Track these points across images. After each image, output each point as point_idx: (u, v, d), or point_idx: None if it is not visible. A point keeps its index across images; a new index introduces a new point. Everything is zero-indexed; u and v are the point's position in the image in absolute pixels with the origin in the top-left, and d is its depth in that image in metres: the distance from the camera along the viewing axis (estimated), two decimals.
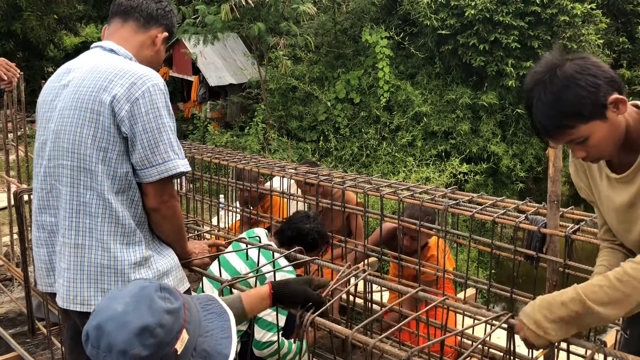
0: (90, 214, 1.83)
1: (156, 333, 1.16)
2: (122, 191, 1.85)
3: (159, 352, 1.17)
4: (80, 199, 1.83)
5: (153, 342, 1.16)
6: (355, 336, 1.59)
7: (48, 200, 1.91)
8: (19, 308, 3.88)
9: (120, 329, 1.15)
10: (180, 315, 1.22)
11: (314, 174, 3.37)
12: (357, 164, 9.20)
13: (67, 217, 1.84)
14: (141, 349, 1.14)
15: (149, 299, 1.20)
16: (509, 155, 9.01)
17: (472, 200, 2.76)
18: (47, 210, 1.91)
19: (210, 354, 1.26)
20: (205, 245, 2.26)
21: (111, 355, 1.14)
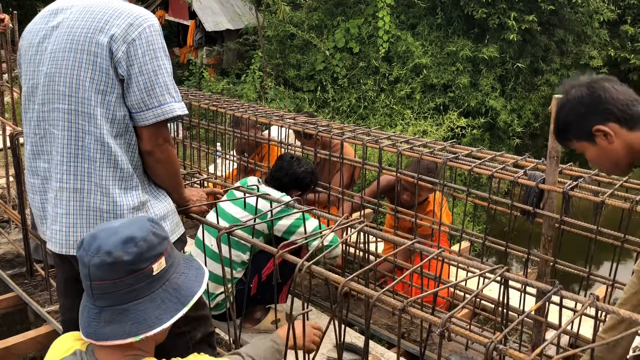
0: (89, 158, 1.80)
1: (139, 245, 1.34)
2: (120, 135, 1.83)
3: (137, 263, 1.33)
4: (79, 142, 1.80)
5: (135, 252, 1.33)
6: (350, 284, 1.61)
7: (41, 145, 1.87)
8: (16, 250, 3.90)
9: (110, 236, 1.34)
10: (163, 243, 1.40)
11: (312, 124, 3.35)
12: (355, 116, 9.13)
13: (65, 162, 1.81)
14: (123, 254, 1.31)
15: (141, 221, 1.40)
16: (507, 110, 8.97)
17: (471, 154, 2.75)
18: (40, 155, 1.88)
19: (180, 288, 1.42)
20: (203, 193, 2.26)
21: (98, 255, 1.31)
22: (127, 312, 1.34)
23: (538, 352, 1.27)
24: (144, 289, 1.35)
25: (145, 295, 1.35)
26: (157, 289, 1.38)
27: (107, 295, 1.33)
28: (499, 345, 1.30)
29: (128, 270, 1.32)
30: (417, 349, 2.90)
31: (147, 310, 1.35)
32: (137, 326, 1.33)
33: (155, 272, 1.37)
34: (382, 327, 3.13)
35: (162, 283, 1.39)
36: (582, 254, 6.61)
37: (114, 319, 1.33)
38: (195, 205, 2.18)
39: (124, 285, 1.33)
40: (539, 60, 9.27)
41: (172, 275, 1.42)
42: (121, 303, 1.34)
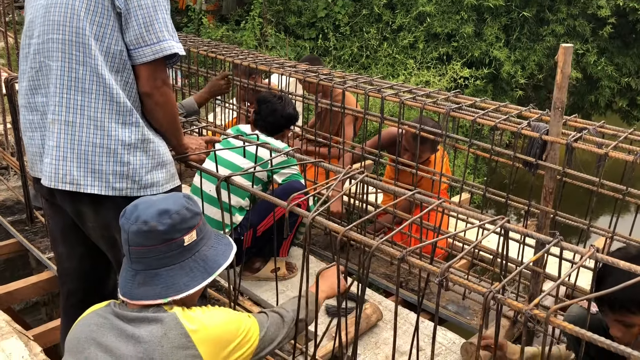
0: (83, 90, 1.77)
1: (173, 217, 1.47)
2: (117, 71, 1.80)
3: (170, 233, 1.46)
4: (72, 74, 1.76)
5: (168, 223, 1.46)
6: (349, 233, 1.61)
7: (38, 79, 1.83)
8: (16, 197, 3.91)
9: (149, 207, 1.47)
10: (195, 218, 1.52)
11: (313, 72, 3.29)
12: (357, 65, 8.98)
13: (58, 94, 1.78)
14: (158, 224, 1.45)
15: (176, 197, 1.53)
16: (511, 61, 8.81)
17: (474, 105, 2.71)
18: (38, 90, 1.84)
19: (208, 259, 1.54)
20: (202, 141, 2.24)
21: (136, 224, 1.45)
22: (159, 276, 1.46)
23: (537, 302, 1.27)
24: (175, 257, 1.48)
25: (175, 263, 1.48)
26: (187, 259, 1.50)
27: (143, 259, 1.46)
28: (497, 295, 1.31)
29: (162, 239, 1.45)
30: (415, 298, 2.94)
31: (176, 276, 1.48)
32: (166, 290, 1.46)
33: (187, 243, 1.49)
34: (380, 276, 3.16)
35: (192, 253, 1.51)
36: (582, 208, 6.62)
37: (146, 282, 1.46)
38: (194, 153, 2.16)
39: (157, 252, 1.46)
40: (545, 10, 9.04)
41: (202, 248, 1.54)
42: (154, 268, 1.47)
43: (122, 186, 1.83)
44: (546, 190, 2.33)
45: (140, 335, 1.41)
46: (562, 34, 8.93)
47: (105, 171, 1.80)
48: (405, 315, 2.78)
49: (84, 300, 2.11)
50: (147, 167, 1.88)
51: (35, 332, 2.75)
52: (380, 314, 2.67)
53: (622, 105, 8.93)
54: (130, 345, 1.40)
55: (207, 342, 1.45)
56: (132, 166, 1.84)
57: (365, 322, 2.60)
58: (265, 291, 2.96)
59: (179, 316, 1.45)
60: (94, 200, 1.85)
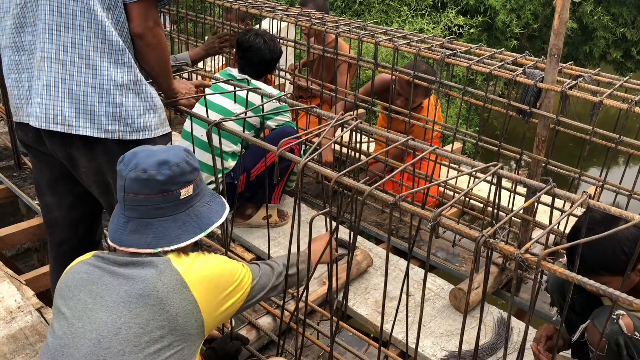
0: (73, 27, 1.71)
1: (172, 169, 1.45)
2: (108, 8, 1.73)
3: (167, 184, 1.45)
4: (62, 9, 1.70)
5: (167, 174, 1.45)
6: (341, 179, 1.60)
7: (24, 16, 1.75)
8: (3, 142, 3.85)
9: (149, 157, 1.46)
10: (194, 173, 1.52)
11: (306, 16, 3.21)
12: (350, 12, 8.80)
13: (47, 30, 1.71)
14: (157, 174, 1.44)
15: (177, 149, 1.52)
16: (507, 10, 8.66)
17: (469, 52, 2.66)
18: (25, 28, 1.76)
19: (201, 215, 1.54)
20: (192, 85, 2.20)
21: (134, 171, 1.44)
22: (151, 225, 1.46)
23: (527, 246, 1.28)
24: (170, 209, 1.47)
25: (169, 215, 1.47)
26: (181, 212, 1.49)
27: (137, 207, 1.46)
28: (489, 239, 1.31)
29: (159, 189, 1.44)
30: (405, 245, 2.97)
31: (169, 228, 1.47)
32: (157, 240, 1.45)
33: (182, 197, 1.49)
34: (371, 224, 3.18)
35: (186, 207, 1.50)
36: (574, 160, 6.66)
37: (138, 230, 1.46)
38: (184, 98, 2.12)
39: (153, 202, 1.45)
40: None
41: (196, 203, 1.53)
42: (147, 217, 1.46)
43: (114, 128, 1.80)
44: (539, 139, 2.32)
45: (136, 275, 1.41)
46: None
47: (97, 112, 1.76)
48: (395, 262, 2.81)
49: (75, 247, 2.11)
50: (139, 109, 1.84)
51: (27, 277, 2.76)
52: (370, 261, 2.70)
53: (617, 57, 8.86)
54: (127, 285, 1.39)
55: (201, 286, 1.46)
56: (125, 108, 1.80)
57: (356, 268, 2.63)
58: (256, 238, 2.98)
59: (173, 261, 1.45)
60: (86, 142, 1.81)
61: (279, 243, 2.92)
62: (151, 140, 1.88)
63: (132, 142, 1.83)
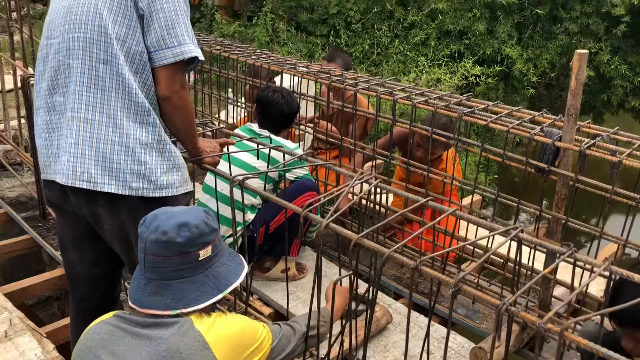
0: (103, 89, 1.78)
1: (192, 230, 1.48)
2: (136, 72, 1.81)
3: (186, 246, 1.47)
4: (93, 72, 1.78)
5: (186, 236, 1.47)
6: (362, 241, 1.62)
7: (57, 78, 1.84)
8: (29, 192, 3.94)
9: (169, 219, 1.49)
10: (212, 234, 1.54)
11: (326, 73, 3.29)
12: (368, 62, 8.96)
13: (77, 91, 1.79)
14: (177, 236, 1.47)
15: (196, 211, 1.55)
16: (523, 59, 8.76)
17: (487, 109, 2.70)
18: (57, 89, 1.85)
19: (220, 276, 1.56)
20: (217, 144, 2.26)
21: (155, 233, 1.47)
22: (170, 287, 1.48)
23: (550, 315, 1.28)
24: (189, 270, 1.49)
25: (188, 277, 1.49)
26: (200, 273, 1.51)
27: (156, 269, 1.49)
28: (510, 307, 1.31)
29: (178, 251, 1.47)
30: (425, 301, 2.94)
31: (187, 290, 1.49)
32: (176, 302, 1.47)
33: (201, 258, 1.51)
34: (390, 279, 3.17)
35: (205, 268, 1.52)
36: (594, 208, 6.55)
37: (157, 291, 1.48)
38: (208, 156, 2.17)
39: (172, 264, 1.48)
40: (559, 8, 8.97)
41: (215, 264, 1.55)
42: (166, 279, 1.49)
43: (138, 186, 1.84)
44: (558, 197, 2.33)
45: (159, 336, 1.42)
46: (576, 32, 8.85)
47: (123, 170, 1.81)
48: (414, 318, 2.78)
49: (97, 304, 2.13)
50: (162, 167, 1.89)
51: (47, 329, 2.78)
52: (389, 317, 2.68)
53: (635, 105, 8.85)
54: (150, 347, 1.41)
55: (222, 346, 1.47)
56: (149, 166, 1.85)
57: (375, 325, 2.61)
58: (275, 291, 2.98)
59: (195, 322, 1.47)
60: (110, 199, 1.85)
61: (298, 297, 2.92)
62: (173, 198, 1.92)
63: (154, 200, 1.87)
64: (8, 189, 4.03)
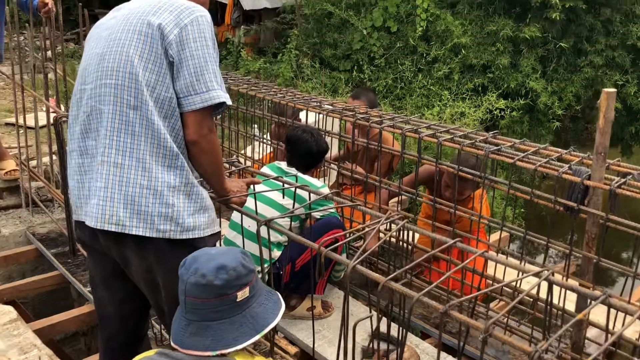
0: (132, 134, 1.82)
1: (230, 273, 1.52)
2: (165, 117, 1.85)
3: (224, 288, 1.51)
4: (123, 117, 1.82)
5: (224, 278, 1.51)
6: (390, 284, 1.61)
7: (89, 123, 1.89)
8: (59, 229, 4.01)
9: (208, 261, 1.53)
10: (250, 275, 1.58)
11: (351, 111, 3.32)
12: (391, 96, 9.03)
13: (108, 136, 1.83)
14: (215, 279, 1.50)
15: (234, 252, 1.59)
16: (548, 92, 8.72)
17: (513, 146, 2.69)
18: (89, 134, 1.90)
19: (258, 317, 1.59)
20: (244, 184, 2.28)
21: (194, 276, 1.51)
22: (210, 329, 1.52)
23: None
24: (227, 311, 1.54)
25: (226, 318, 1.54)
26: (238, 314, 1.55)
27: (196, 311, 1.53)
28: (543, 355, 1.29)
29: (216, 293, 1.51)
30: (454, 341, 2.89)
31: (226, 330, 1.53)
32: (215, 343, 1.51)
33: (239, 299, 1.55)
34: (417, 318, 3.13)
35: (243, 309, 1.56)
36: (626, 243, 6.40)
37: (198, 333, 1.52)
38: (235, 196, 2.20)
39: (211, 306, 1.52)
40: (583, 41, 8.96)
41: (253, 304, 1.59)
42: (206, 320, 1.53)
43: (166, 228, 1.87)
44: (589, 236, 2.29)
45: None
46: (601, 65, 8.81)
47: (150, 213, 1.84)
48: (443, 359, 2.73)
49: (124, 343, 2.15)
50: (189, 210, 1.91)
51: None
52: (417, 358, 2.64)
53: None
54: None
55: None
56: (176, 208, 1.87)
57: None
58: (301, 330, 2.96)
59: None
60: (138, 242, 1.88)
61: (324, 336, 2.89)
62: (200, 240, 1.94)
63: (181, 242, 1.90)
64: (39, 225, 4.11)
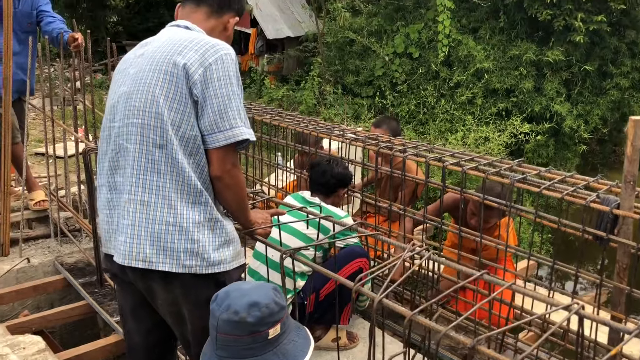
0: (158, 172, 1.86)
1: (262, 310, 1.53)
2: (190, 154, 1.88)
3: (257, 325, 1.52)
4: (149, 156, 1.86)
5: (257, 315, 1.51)
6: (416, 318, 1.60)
7: (117, 160, 1.94)
8: (87, 258, 4.06)
9: (240, 297, 1.54)
10: (281, 312, 1.58)
11: (374, 139, 3.33)
12: (414, 122, 9.03)
13: (134, 175, 1.87)
14: (247, 316, 1.51)
15: (266, 288, 1.60)
16: (573, 116, 8.63)
17: (539, 175, 2.66)
18: (117, 170, 1.95)
19: (287, 354, 1.58)
20: (268, 215, 2.29)
21: (227, 313, 1.52)
22: None
23: None
24: (259, 349, 1.54)
25: (258, 355, 1.53)
26: (269, 351, 1.55)
27: (228, 347, 1.54)
28: None
29: (249, 330, 1.52)
30: None
31: None
32: None
33: (271, 336, 1.55)
34: (444, 349, 3.07)
35: (274, 346, 1.56)
36: None
37: None
38: (260, 228, 2.21)
39: (243, 343, 1.52)
40: (608, 63, 8.88)
41: (283, 341, 1.59)
42: (237, 357, 1.53)
43: (191, 263, 1.89)
44: (620, 266, 2.25)
45: None
46: (627, 87, 8.72)
47: (176, 249, 1.87)
48: None
49: None
50: (214, 244, 1.93)
51: None
52: None
53: None
54: None
55: None
56: (202, 244, 1.89)
57: None
58: None
59: None
60: (164, 277, 1.91)
61: None
62: (226, 274, 1.95)
63: (207, 276, 1.91)
64: (67, 255, 4.16)
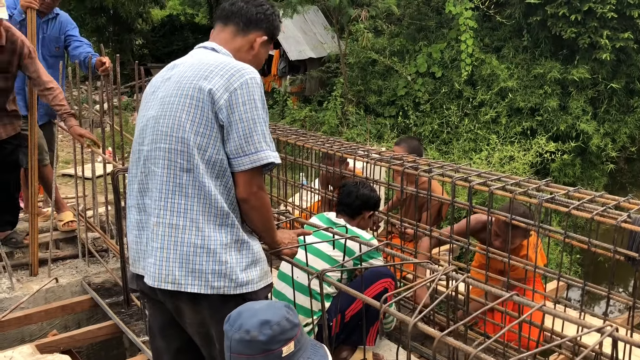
0: (185, 195, 1.89)
1: (274, 328, 1.52)
2: (217, 177, 1.91)
3: (269, 344, 1.51)
4: (176, 180, 1.90)
5: (269, 334, 1.52)
6: (445, 339, 1.58)
7: (146, 183, 1.98)
8: (114, 279, 4.11)
9: (251, 317, 1.55)
10: (294, 329, 1.57)
11: (398, 159, 3.33)
12: (437, 141, 8.99)
13: (163, 198, 1.91)
14: (259, 335, 1.51)
15: (278, 306, 1.60)
16: (600, 134, 8.52)
17: (568, 194, 2.63)
18: (146, 192, 1.99)
19: None
20: (294, 235, 2.31)
21: (239, 332, 1.53)
22: None
23: None
24: None
25: None
26: None
27: None
28: None
29: (261, 349, 1.52)
30: None
31: None
32: None
33: (284, 354, 1.54)
34: None
35: None
36: None
37: None
38: (286, 248, 2.22)
39: None
40: (635, 81, 8.77)
41: (299, 359, 1.58)
42: None
43: (219, 285, 1.91)
44: None
45: None
46: None
47: (205, 271, 1.89)
48: None
49: None
50: (241, 265, 1.95)
51: None
52: None
53: None
54: None
55: None
56: (229, 265, 1.91)
57: None
58: None
59: None
60: (193, 298, 1.93)
61: None
62: (253, 294, 1.96)
63: (235, 297, 1.93)
64: (94, 275, 4.22)
